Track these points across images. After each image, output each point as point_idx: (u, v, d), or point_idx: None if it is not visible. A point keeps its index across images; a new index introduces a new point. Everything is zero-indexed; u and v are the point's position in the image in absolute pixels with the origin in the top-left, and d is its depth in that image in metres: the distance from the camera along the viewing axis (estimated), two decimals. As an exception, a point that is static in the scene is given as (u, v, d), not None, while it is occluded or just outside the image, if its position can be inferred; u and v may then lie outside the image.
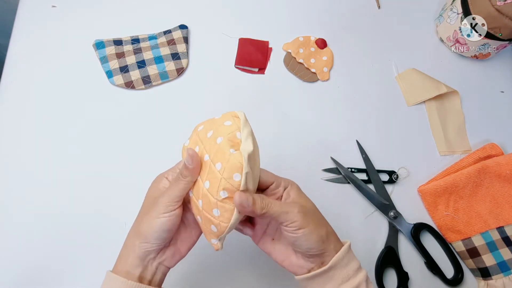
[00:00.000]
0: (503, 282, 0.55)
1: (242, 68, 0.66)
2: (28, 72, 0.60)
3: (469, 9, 0.64)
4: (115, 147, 0.58)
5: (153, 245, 0.36)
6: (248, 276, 0.53)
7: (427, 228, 0.59)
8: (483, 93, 0.71)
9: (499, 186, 0.60)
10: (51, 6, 0.65)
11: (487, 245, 0.57)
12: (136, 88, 0.61)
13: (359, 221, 0.58)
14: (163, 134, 0.59)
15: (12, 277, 0.49)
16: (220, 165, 0.34)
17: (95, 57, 0.63)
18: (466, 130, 0.67)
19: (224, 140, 0.35)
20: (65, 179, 0.55)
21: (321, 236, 0.36)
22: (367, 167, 0.61)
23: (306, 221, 0.36)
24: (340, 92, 0.67)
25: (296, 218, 0.35)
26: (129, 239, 0.38)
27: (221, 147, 0.35)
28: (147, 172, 0.56)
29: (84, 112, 0.59)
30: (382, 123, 0.66)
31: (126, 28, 0.66)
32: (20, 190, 0.53)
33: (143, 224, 0.36)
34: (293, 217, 0.35)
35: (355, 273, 0.37)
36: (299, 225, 0.35)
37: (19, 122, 0.57)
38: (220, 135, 0.36)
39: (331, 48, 0.70)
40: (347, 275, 0.37)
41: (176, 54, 0.64)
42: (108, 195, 0.55)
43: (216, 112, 0.62)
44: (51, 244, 0.51)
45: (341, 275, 0.37)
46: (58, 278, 0.50)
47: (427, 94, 0.67)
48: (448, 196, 0.60)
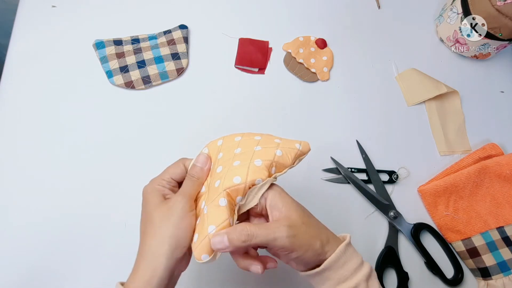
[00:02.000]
0: (503, 282, 0.55)
1: (242, 68, 0.66)
2: (28, 72, 0.60)
3: (469, 9, 0.64)
4: (115, 147, 0.58)
5: (184, 249, 0.35)
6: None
7: (427, 228, 0.59)
8: (483, 93, 0.71)
9: (499, 186, 0.60)
10: (51, 6, 0.65)
11: (487, 245, 0.57)
12: (136, 88, 0.61)
13: (359, 221, 0.58)
14: (163, 134, 0.59)
15: (12, 278, 0.49)
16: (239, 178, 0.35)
17: (95, 57, 0.63)
18: (466, 130, 0.67)
19: (263, 165, 0.36)
20: (64, 179, 0.55)
21: (315, 251, 0.35)
22: (367, 167, 0.61)
23: (297, 244, 0.34)
24: (340, 92, 0.67)
25: (285, 243, 0.33)
26: (147, 253, 0.35)
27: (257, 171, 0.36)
28: (146, 172, 0.56)
29: (84, 112, 0.59)
30: (382, 123, 0.66)
31: (126, 28, 0.66)
32: (19, 190, 0.53)
33: (168, 230, 0.34)
34: (282, 242, 0.33)
35: (354, 272, 0.36)
36: (289, 250, 0.34)
37: (19, 122, 0.57)
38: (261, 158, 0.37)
39: (331, 48, 0.70)
40: (344, 276, 0.35)
41: (176, 54, 0.64)
42: (107, 195, 0.55)
43: (216, 112, 0.62)
44: (51, 245, 0.51)
45: (336, 276, 0.35)
46: (58, 279, 0.50)
47: (427, 94, 0.67)
48: (448, 196, 0.60)
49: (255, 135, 0.40)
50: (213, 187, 0.37)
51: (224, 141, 0.41)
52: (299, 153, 0.39)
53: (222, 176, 0.36)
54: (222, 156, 0.39)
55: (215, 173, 0.38)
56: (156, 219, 0.36)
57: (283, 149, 0.38)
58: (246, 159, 0.37)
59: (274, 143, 0.38)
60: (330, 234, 0.37)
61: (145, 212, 0.37)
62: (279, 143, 0.38)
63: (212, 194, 0.36)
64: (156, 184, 0.38)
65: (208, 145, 0.42)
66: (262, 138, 0.39)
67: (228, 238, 0.33)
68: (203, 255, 0.34)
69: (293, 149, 0.38)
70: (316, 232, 0.36)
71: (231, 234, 0.33)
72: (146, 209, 0.37)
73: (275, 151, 0.37)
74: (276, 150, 0.37)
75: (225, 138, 0.41)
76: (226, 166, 0.37)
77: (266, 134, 0.40)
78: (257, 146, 0.38)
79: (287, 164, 0.38)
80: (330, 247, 0.36)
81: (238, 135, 0.40)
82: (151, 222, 0.36)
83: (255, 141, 0.39)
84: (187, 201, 0.36)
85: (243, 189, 0.35)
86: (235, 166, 0.36)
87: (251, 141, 0.39)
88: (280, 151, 0.37)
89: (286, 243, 0.33)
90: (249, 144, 0.39)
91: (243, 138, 0.40)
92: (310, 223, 0.36)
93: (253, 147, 0.38)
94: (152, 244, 0.35)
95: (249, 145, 0.38)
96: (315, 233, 0.36)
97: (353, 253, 0.37)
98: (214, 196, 0.36)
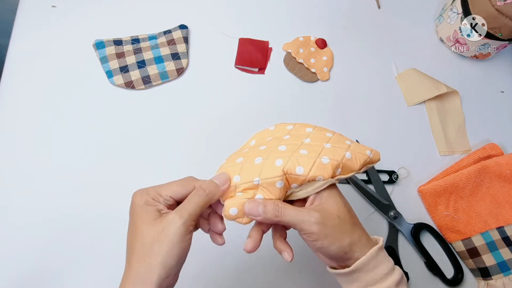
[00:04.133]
0: (503, 282, 0.55)
1: (242, 68, 0.66)
2: (28, 72, 0.60)
3: (469, 9, 0.64)
4: (115, 147, 0.58)
5: (175, 277, 0.33)
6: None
7: (427, 228, 0.59)
8: (483, 93, 0.71)
9: (499, 186, 0.60)
10: (51, 6, 0.65)
11: (487, 245, 0.57)
12: (136, 88, 0.61)
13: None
14: (163, 134, 0.59)
15: (13, 278, 0.49)
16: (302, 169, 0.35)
17: (95, 57, 0.63)
18: (466, 130, 0.67)
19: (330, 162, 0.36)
20: (64, 179, 0.55)
21: (342, 248, 0.35)
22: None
23: (324, 233, 0.34)
24: (340, 92, 0.67)
25: (312, 229, 0.34)
26: (134, 280, 0.31)
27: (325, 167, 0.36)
28: (146, 172, 0.56)
29: (84, 112, 0.59)
30: (382, 123, 0.66)
31: (126, 28, 0.66)
32: (19, 190, 0.53)
33: (159, 257, 0.31)
34: (309, 227, 0.34)
35: (384, 277, 0.35)
36: (315, 237, 0.34)
37: (19, 122, 0.57)
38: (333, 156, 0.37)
39: (331, 48, 0.70)
40: (373, 279, 0.35)
41: (176, 54, 0.64)
42: (108, 195, 0.54)
43: (216, 112, 0.62)
44: (51, 245, 0.51)
45: (366, 278, 0.35)
46: (58, 279, 0.50)
47: (427, 94, 0.67)
48: (448, 196, 0.60)
49: (327, 132, 0.40)
50: (275, 149, 0.37)
51: (294, 127, 0.41)
52: (368, 161, 0.38)
53: (286, 156, 0.36)
54: (288, 138, 0.39)
55: (282, 139, 0.38)
56: (146, 238, 0.32)
57: (353, 153, 0.37)
58: (314, 151, 0.36)
59: (345, 145, 0.38)
60: (364, 236, 0.37)
61: (134, 226, 0.33)
62: (350, 145, 0.38)
63: (273, 155, 0.36)
64: (151, 197, 0.34)
65: (277, 125, 0.42)
66: (334, 137, 0.39)
67: (263, 209, 0.34)
68: (232, 208, 0.35)
69: (363, 155, 0.38)
70: (349, 230, 0.36)
71: (267, 206, 0.34)
72: (136, 223, 0.33)
73: (344, 153, 0.37)
74: (346, 152, 0.37)
75: (296, 125, 0.41)
76: (290, 150, 0.37)
77: (337, 133, 0.40)
78: (327, 143, 0.38)
79: (354, 168, 0.38)
80: (360, 248, 0.35)
81: (309, 126, 0.41)
82: (141, 240, 0.32)
83: (326, 137, 0.39)
84: (184, 222, 0.32)
85: (302, 180, 0.35)
86: (301, 154, 0.36)
87: (322, 136, 0.39)
88: (350, 154, 0.37)
89: (314, 229, 0.34)
90: (320, 138, 0.39)
91: (314, 131, 0.40)
92: (346, 220, 0.36)
93: (324, 143, 0.38)
94: (140, 271, 0.31)
95: (319, 139, 0.38)
96: (347, 229, 0.36)
97: (384, 257, 0.36)
98: (274, 159, 0.36)
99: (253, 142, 0.42)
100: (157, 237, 0.31)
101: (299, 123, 0.42)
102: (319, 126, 0.41)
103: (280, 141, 0.38)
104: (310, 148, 0.37)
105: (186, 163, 0.58)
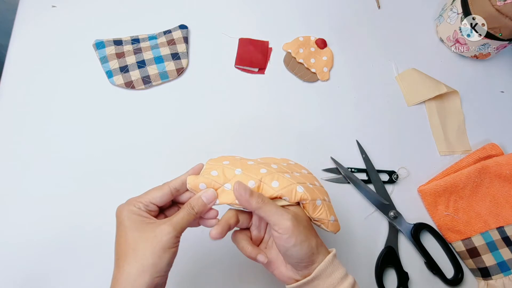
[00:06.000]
0: (503, 282, 0.55)
1: (242, 68, 0.66)
2: (28, 72, 0.60)
3: (469, 9, 0.64)
4: (115, 147, 0.58)
5: (164, 278, 0.35)
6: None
7: (427, 228, 0.59)
8: (483, 93, 0.71)
9: (499, 186, 0.60)
10: (51, 6, 0.65)
11: (487, 245, 0.57)
12: (136, 88, 0.61)
13: (359, 221, 0.58)
14: (163, 134, 0.59)
15: (13, 278, 0.49)
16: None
17: (95, 57, 0.63)
18: (466, 130, 0.68)
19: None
20: (64, 179, 0.55)
21: (311, 248, 0.37)
22: (367, 167, 0.61)
23: (298, 229, 0.36)
24: (340, 92, 0.67)
25: (288, 224, 0.36)
26: (125, 282, 0.33)
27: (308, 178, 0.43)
28: (146, 172, 0.56)
29: (84, 112, 0.59)
30: (382, 123, 0.66)
31: (126, 28, 0.66)
32: (19, 191, 0.53)
33: (150, 259, 0.33)
34: (286, 222, 0.36)
35: (341, 281, 0.38)
36: (289, 233, 0.36)
37: (19, 122, 0.57)
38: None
39: (331, 48, 0.70)
40: (331, 284, 0.37)
41: (176, 54, 0.64)
42: (107, 195, 0.54)
43: (216, 112, 0.62)
44: (51, 245, 0.51)
45: (324, 285, 0.37)
46: (58, 279, 0.50)
47: (427, 94, 0.67)
48: (448, 196, 0.60)
49: (315, 180, 0.45)
50: (261, 167, 0.41)
51: (288, 165, 0.45)
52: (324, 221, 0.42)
53: (270, 170, 0.40)
54: (276, 167, 0.42)
55: (270, 166, 0.42)
56: (137, 243, 0.34)
57: (324, 202, 0.42)
58: (295, 179, 0.40)
59: (323, 195, 0.43)
60: (320, 244, 0.39)
61: (123, 234, 0.35)
62: (325, 199, 0.43)
63: (257, 168, 0.40)
64: (133, 206, 0.36)
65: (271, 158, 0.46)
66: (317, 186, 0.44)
67: (249, 194, 0.36)
68: (202, 184, 0.39)
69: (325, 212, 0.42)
70: (314, 234, 0.39)
71: (254, 194, 0.37)
72: (123, 231, 0.35)
73: (316, 199, 0.41)
74: (317, 199, 0.41)
75: (290, 165, 0.45)
76: (276, 171, 0.40)
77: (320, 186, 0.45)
78: (310, 183, 0.42)
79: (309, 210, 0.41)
80: (322, 253, 0.38)
81: (304, 168, 0.46)
82: (132, 246, 0.34)
83: (312, 179, 0.44)
84: (175, 235, 0.35)
85: (272, 194, 0.39)
86: (283, 175, 0.40)
87: (310, 178, 0.44)
88: (320, 201, 0.41)
89: (289, 224, 0.36)
90: (308, 178, 0.43)
91: (309, 174, 0.45)
92: (309, 225, 0.40)
93: (307, 181, 0.42)
94: (131, 272, 0.33)
95: (308, 178, 0.43)
96: (313, 234, 0.39)
97: (338, 264, 0.39)
98: (258, 169, 0.40)
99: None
100: (148, 242, 0.34)
101: (297, 163, 0.47)
102: (312, 175, 0.46)
103: (268, 165, 0.42)
104: (293, 176, 0.41)
105: (186, 163, 0.58)
